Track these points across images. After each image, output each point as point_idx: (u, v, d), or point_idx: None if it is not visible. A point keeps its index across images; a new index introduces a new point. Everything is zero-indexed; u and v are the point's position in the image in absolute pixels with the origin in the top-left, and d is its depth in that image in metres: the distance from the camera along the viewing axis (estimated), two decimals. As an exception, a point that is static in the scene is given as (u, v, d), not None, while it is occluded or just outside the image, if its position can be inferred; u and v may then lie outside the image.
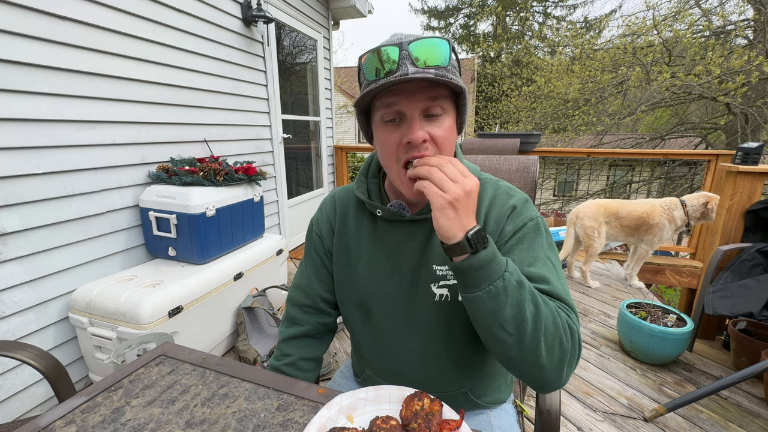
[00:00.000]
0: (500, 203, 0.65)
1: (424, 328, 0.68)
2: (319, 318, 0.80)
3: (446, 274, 0.65)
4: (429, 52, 0.54)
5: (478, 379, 0.73)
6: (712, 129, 7.52)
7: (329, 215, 0.77)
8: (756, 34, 6.02)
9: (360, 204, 0.73)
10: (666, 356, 1.82)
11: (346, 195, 0.76)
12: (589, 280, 2.76)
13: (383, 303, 0.70)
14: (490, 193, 0.66)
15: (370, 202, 0.69)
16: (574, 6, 13.62)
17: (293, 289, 0.82)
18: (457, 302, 0.65)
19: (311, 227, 0.80)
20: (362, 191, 0.71)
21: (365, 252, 0.71)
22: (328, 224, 0.76)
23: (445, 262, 0.65)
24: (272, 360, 0.81)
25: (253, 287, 1.98)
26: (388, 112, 0.57)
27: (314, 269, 0.79)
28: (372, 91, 0.55)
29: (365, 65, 0.57)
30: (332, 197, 0.78)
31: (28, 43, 1.33)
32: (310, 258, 0.80)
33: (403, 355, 0.71)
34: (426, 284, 0.66)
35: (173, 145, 1.97)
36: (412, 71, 0.53)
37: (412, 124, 0.56)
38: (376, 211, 0.68)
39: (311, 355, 0.80)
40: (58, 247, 1.47)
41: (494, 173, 1.09)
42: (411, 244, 0.67)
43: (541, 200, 8.01)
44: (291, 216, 3.27)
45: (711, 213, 2.41)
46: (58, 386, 0.88)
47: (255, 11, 2.39)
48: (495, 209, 0.64)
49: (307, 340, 0.81)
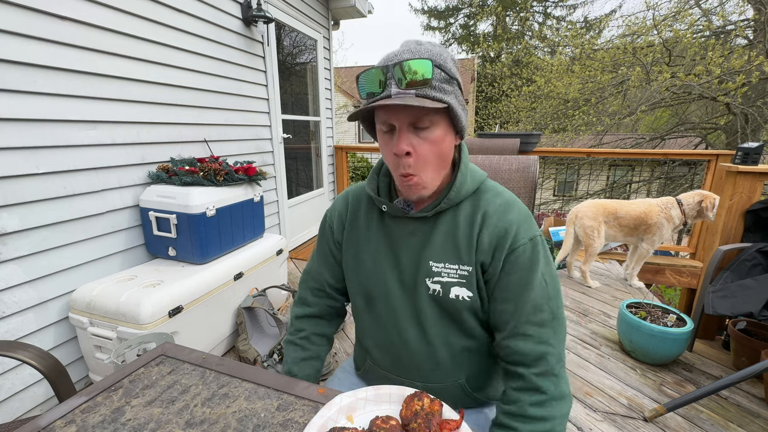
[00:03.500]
0: (494, 222, 0.67)
1: (421, 320, 0.72)
2: (328, 301, 0.88)
3: (441, 271, 0.69)
4: (412, 72, 0.58)
5: (475, 371, 0.76)
6: (712, 129, 7.52)
7: (341, 210, 0.82)
8: (756, 34, 6.02)
9: (371, 200, 0.78)
10: (666, 356, 1.82)
11: (359, 192, 0.82)
12: (589, 280, 2.76)
13: (384, 295, 0.74)
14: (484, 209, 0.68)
15: (378, 198, 0.73)
16: (574, 6, 13.62)
17: (305, 274, 0.90)
18: (448, 298, 0.69)
19: (324, 218, 0.86)
20: (372, 188, 0.76)
21: (372, 245, 0.76)
22: (339, 218, 0.82)
23: (441, 260, 0.69)
24: (287, 336, 0.88)
25: (253, 287, 1.98)
26: (383, 124, 0.64)
27: (323, 258, 0.85)
28: (360, 111, 0.65)
29: (359, 85, 0.64)
30: (346, 194, 0.84)
31: (29, 43, 1.32)
32: (321, 247, 0.86)
33: (401, 346, 0.74)
34: (422, 278, 0.70)
35: (173, 145, 1.97)
36: (394, 92, 0.59)
37: (399, 137, 0.62)
38: (383, 207, 0.73)
39: (322, 332, 0.89)
40: (58, 247, 1.47)
41: (494, 173, 1.09)
42: (412, 240, 0.72)
43: (541, 200, 8.00)
44: (291, 216, 3.27)
45: (707, 212, 2.41)
46: (58, 386, 0.88)
47: (255, 11, 2.39)
48: (488, 228, 0.67)
49: (317, 319, 0.89)
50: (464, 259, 0.67)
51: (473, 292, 0.68)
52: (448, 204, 0.68)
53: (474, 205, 0.70)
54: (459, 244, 0.68)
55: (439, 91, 0.60)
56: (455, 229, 0.69)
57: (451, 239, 0.69)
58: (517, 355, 0.64)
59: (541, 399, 0.61)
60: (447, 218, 0.70)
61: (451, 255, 0.68)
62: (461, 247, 0.68)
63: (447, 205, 0.68)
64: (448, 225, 0.69)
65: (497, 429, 0.64)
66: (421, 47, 0.61)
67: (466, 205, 0.70)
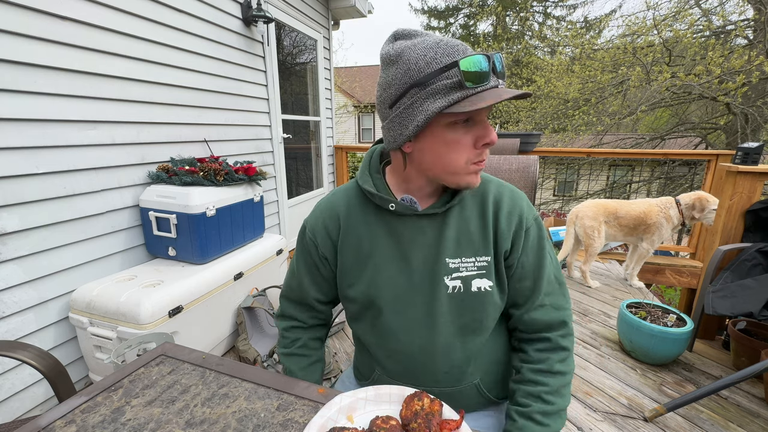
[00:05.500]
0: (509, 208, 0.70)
1: (437, 322, 0.69)
2: (314, 313, 0.85)
3: (459, 266, 0.68)
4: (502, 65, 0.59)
5: (490, 370, 0.76)
6: (712, 129, 7.52)
7: (327, 224, 0.74)
8: (756, 34, 6.02)
9: (364, 202, 0.73)
10: (666, 356, 1.82)
11: (346, 196, 0.75)
12: (589, 280, 2.76)
13: (394, 302, 0.70)
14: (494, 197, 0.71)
15: (384, 197, 0.68)
16: (574, 6, 13.60)
17: (286, 289, 0.85)
18: (470, 293, 0.68)
19: (303, 231, 0.78)
20: (371, 185, 0.70)
21: (376, 248, 0.71)
22: (325, 232, 0.74)
23: (457, 255, 0.68)
24: (281, 348, 0.83)
25: (253, 287, 1.98)
26: (467, 114, 0.58)
27: (307, 272, 0.79)
28: (480, 104, 0.54)
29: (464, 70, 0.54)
30: (329, 202, 0.76)
31: (29, 43, 1.32)
32: (303, 261, 0.79)
33: (414, 351, 0.71)
34: (439, 277, 0.68)
35: (173, 145, 1.97)
36: (501, 83, 0.58)
37: (487, 126, 0.61)
38: (389, 206, 0.67)
39: (316, 336, 0.87)
40: (58, 247, 1.47)
41: (494, 173, 1.09)
42: (422, 239, 0.69)
43: (541, 200, 8.00)
44: (291, 216, 3.27)
45: (702, 213, 2.40)
46: (58, 386, 0.88)
47: (255, 11, 2.39)
48: (504, 215, 0.69)
49: (307, 329, 0.86)
50: (480, 250, 0.68)
51: (493, 280, 0.69)
52: (460, 198, 0.68)
53: (478, 195, 0.70)
54: (473, 237, 0.68)
55: None
56: (466, 222, 0.69)
57: (465, 232, 0.68)
58: (540, 324, 0.70)
59: (565, 356, 0.70)
60: (455, 212, 0.69)
61: (466, 248, 0.68)
62: (476, 239, 0.68)
63: (458, 200, 0.68)
64: (457, 219, 0.69)
65: (528, 385, 0.68)
66: None
67: (470, 197, 0.70)
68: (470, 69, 0.54)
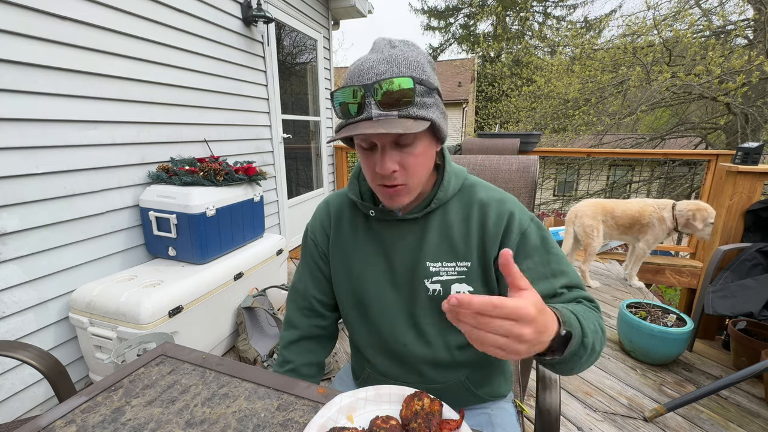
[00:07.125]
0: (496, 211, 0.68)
1: (419, 322, 0.71)
2: (316, 321, 0.83)
3: (439, 270, 0.69)
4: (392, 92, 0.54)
5: (476, 367, 0.76)
6: (712, 129, 7.51)
7: (323, 220, 0.80)
8: (756, 34, 6.02)
9: (354, 206, 0.77)
10: (666, 356, 1.82)
11: (340, 199, 0.79)
12: (588, 280, 2.76)
13: (378, 300, 0.73)
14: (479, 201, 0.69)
15: (363, 203, 0.72)
16: (574, 6, 13.62)
17: (292, 292, 0.86)
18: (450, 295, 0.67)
19: (306, 232, 0.83)
20: (355, 193, 0.74)
21: (360, 252, 0.74)
22: (322, 229, 0.79)
23: (437, 259, 0.69)
24: (275, 366, 0.83)
25: (253, 287, 1.98)
26: (364, 141, 0.61)
27: (309, 272, 0.82)
28: (339, 134, 0.59)
29: (335, 103, 0.59)
30: (326, 203, 0.82)
31: (29, 43, 1.32)
32: (305, 261, 0.83)
33: (401, 349, 0.74)
34: (420, 280, 0.69)
35: (173, 145, 1.97)
36: (375, 114, 0.55)
37: (383, 156, 0.59)
38: (369, 212, 0.72)
39: (312, 360, 0.83)
40: (58, 247, 1.47)
41: (494, 173, 1.09)
42: (403, 243, 0.71)
43: (541, 200, 8.00)
44: (291, 216, 3.27)
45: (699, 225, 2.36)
46: (58, 386, 0.88)
47: (255, 11, 2.39)
48: (491, 218, 0.68)
49: (306, 343, 0.82)
50: (461, 255, 0.68)
51: (473, 286, 0.68)
52: (437, 203, 0.69)
53: (464, 201, 0.70)
54: (455, 242, 0.69)
55: (422, 107, 0.57)
56: (449, 228, 0.69)
57: (446, 238, 0.69)
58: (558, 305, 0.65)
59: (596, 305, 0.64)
60: (437, 217, 0.70)
61: (447, 253, 0.69)
62: (457, 244, 0.68)
63: (436, 205, 0.69)
64: (439, 224, 0.70)
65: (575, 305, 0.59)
66: (396, 53, 0.57)
67: (454, 202, 0.71)
68: (339, 100, 0.57)
